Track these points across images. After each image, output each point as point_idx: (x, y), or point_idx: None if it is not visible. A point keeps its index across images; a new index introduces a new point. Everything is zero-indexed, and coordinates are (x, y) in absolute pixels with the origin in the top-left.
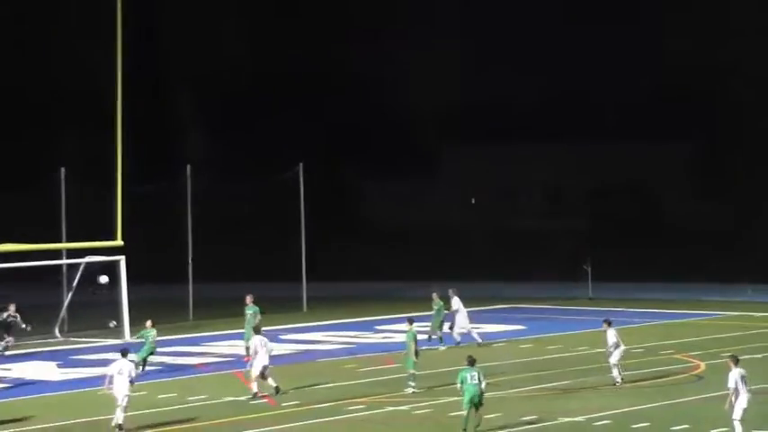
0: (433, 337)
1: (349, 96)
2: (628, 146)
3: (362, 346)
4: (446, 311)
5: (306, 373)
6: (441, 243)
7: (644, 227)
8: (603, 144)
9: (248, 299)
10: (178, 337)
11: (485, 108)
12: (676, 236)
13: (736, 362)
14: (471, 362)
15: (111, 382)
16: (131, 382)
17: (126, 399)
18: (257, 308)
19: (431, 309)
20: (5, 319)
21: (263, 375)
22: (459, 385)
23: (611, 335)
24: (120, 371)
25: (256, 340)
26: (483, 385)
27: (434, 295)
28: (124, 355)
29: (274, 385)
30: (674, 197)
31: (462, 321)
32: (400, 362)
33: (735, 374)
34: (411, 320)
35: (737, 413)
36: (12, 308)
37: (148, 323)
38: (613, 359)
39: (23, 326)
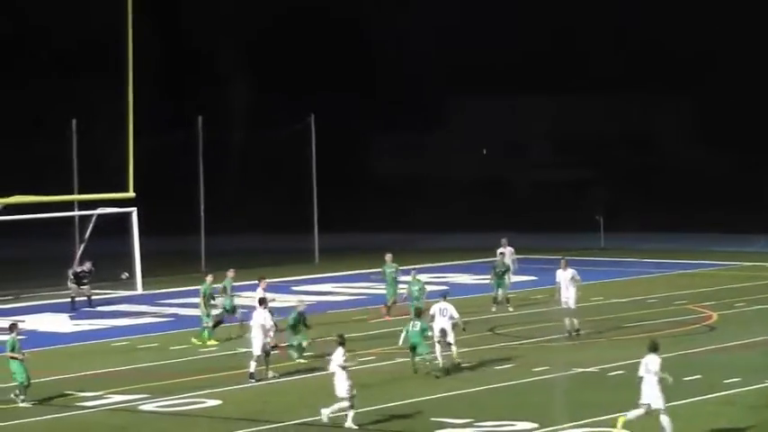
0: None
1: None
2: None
3: (374, 298)
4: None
5: (317, 325)
6: (450, 195)
7: (651, 177)
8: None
9: (387, 257)
10: (190, 288)
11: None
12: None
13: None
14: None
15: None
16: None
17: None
18: (396, 265)
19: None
20: (82, 271)
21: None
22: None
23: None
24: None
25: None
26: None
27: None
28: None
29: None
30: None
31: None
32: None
33: None
34: None
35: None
36: (88, 265)
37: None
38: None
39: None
